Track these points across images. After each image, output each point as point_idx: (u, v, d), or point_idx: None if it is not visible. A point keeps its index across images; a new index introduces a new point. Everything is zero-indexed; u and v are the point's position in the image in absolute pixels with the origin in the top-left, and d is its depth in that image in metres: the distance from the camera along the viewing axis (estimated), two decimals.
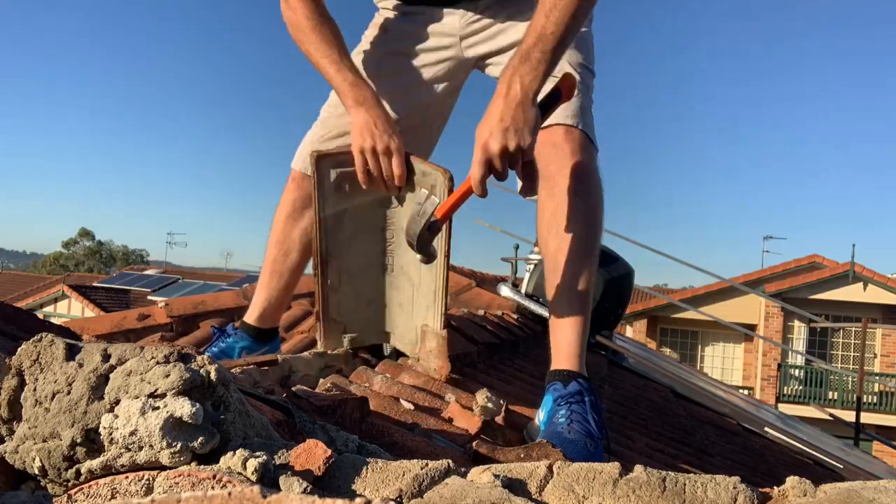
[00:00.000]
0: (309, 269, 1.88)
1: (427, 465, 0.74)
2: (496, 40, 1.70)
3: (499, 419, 1.43)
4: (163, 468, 0.73)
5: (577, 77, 1.47)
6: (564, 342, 1.50)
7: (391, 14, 1.79)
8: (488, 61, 1.74)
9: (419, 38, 1.73)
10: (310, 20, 1.59)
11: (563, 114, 1.50)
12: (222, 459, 0.72)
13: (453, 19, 1.71)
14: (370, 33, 1.81)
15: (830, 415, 8.79)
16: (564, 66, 1.51)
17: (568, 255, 1.49)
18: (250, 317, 1.94)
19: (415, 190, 1.57)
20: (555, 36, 1.31)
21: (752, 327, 18.07)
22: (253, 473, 0.69)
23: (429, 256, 1.58)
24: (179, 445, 0.72)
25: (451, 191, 1.47)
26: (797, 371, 18.59)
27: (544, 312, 3.49)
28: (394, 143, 1.51)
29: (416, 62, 1.74)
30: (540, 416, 1.47)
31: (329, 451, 0.74)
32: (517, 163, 1.33)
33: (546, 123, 1.45)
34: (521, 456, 1.16)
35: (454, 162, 1.52)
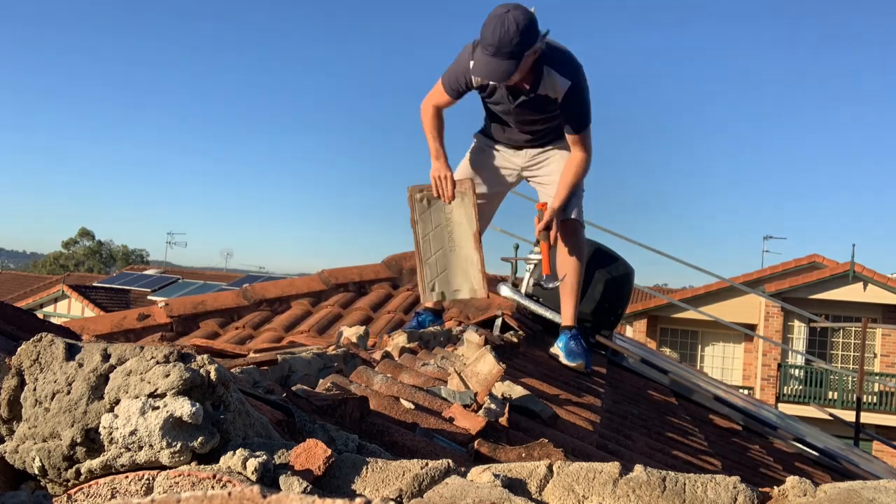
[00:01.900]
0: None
1: (427, 464, 0.74)
2: (540, 171, 3.20)
3: (502, 420, 1.43)
4: (163, 468, 0.73)
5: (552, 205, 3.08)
6: (568, 311, 3.14)
7: (482, 142, 3.28)
8: (532, 180, 3.25)
9: (498, 161, 3.24)
10: (431, 116, 3.05)
11: (568, 211, 3.09)
12: (222, 459, 0.72)
13: (519, 157, 3.20)
14: (474, 146, 3.30)
15: (830, 415, 8.81)
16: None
17: (570, 275, 3.12)
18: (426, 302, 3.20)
19: (457, 198, 2.97)
20: (564, 196, 3.03)
21: (752, 327, 18.08)
22: (253, 473, 0.69)
23: (552, 286, 3.16)
24: (179, 445, 0.72)
25: (473, 191, 2.99)
26: (797, 371, 18.59)
27: (544, 312, 3.49)
28: (446, 172, 2.97)
29: (494, 173, 3.26)
30: (559, 346, 3.07)
31: (329, 451, 0.74)
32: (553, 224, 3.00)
33: (563, 218, 3.07)
34: (523, 455, 1.16)
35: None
